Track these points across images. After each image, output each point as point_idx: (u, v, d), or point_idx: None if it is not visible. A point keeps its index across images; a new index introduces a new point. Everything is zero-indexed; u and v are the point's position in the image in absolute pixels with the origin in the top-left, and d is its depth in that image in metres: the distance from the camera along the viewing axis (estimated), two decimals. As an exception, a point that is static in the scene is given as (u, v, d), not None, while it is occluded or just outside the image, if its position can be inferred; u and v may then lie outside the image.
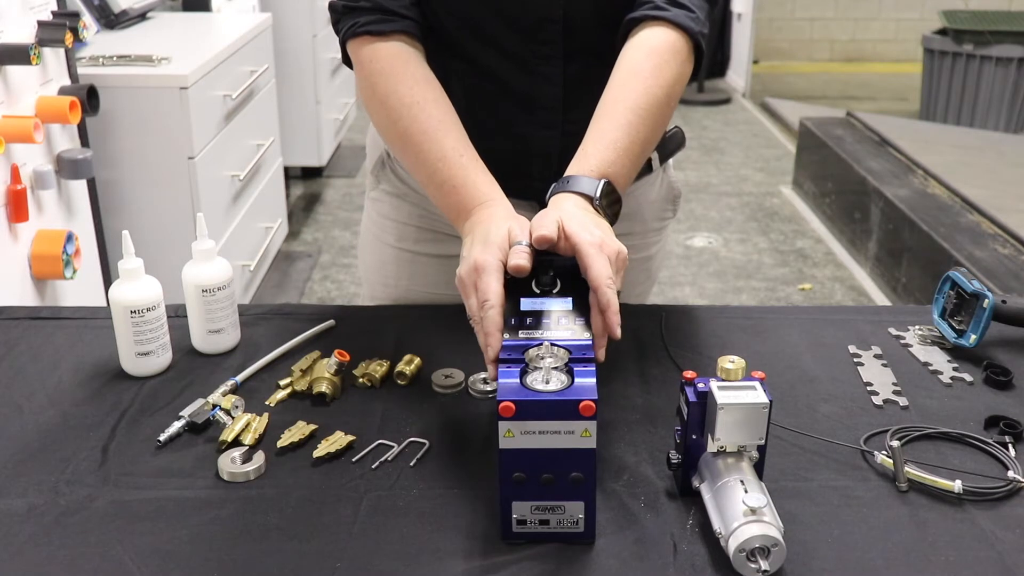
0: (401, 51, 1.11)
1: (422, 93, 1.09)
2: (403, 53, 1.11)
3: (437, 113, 1.08)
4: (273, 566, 0.80)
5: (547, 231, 0.91)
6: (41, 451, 0.96)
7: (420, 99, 1.09)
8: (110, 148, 2.31)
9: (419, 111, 1.08)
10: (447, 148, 1.06)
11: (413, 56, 1.12)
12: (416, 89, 1.09)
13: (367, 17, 1.12)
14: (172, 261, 1.30)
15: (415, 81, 1.10)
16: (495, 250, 0.92)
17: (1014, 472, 0.91)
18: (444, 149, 1.06)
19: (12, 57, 1.85)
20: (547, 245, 0.92)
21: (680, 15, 1.10)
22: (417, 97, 1.09)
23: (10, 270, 1.89)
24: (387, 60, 1.11)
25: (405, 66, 1.11)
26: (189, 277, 1.12)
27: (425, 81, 1.11)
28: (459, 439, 0.98)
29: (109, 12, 2.66)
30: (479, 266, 0.91)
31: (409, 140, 1.09)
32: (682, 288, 3.57)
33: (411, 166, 1.11)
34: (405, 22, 1.12)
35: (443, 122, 1.08)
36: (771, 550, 0.77)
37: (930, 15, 6.55)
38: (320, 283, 3.53)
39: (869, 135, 4.23)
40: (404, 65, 1.11)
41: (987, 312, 1.12)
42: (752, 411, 0.82)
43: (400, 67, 1.11)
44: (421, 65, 1.12)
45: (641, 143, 1.05)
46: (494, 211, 1.01)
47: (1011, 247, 2.95)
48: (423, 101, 1.09)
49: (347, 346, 1.08)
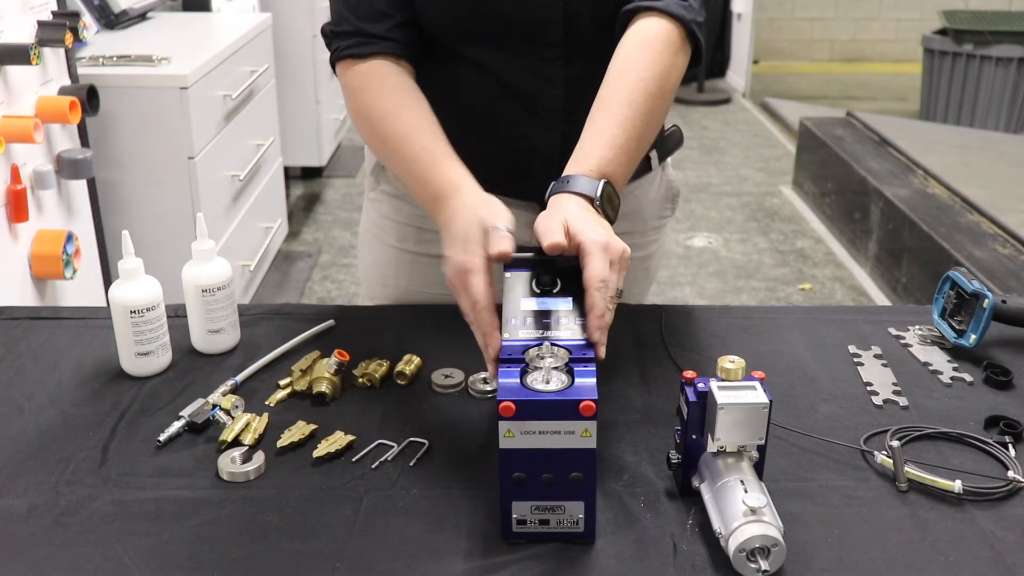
0: (377, 68, 1.15)
1: (395, 101, 1.12)
2: (379, 70, 1.15)
3: (408, 118, 1.11)
4: (273, 566, 0.80)
5: (558, 238, 0.91)
6: (41, 451, 0.96)
7: (393, 108, 1.12)
8: (110, 148, 2.31)
9: (392, 119, 1.12)
10: (418, 148, 1.08)
11: (390, 71, 1.15)
12: (390, 99, 1.13)
13: (348, 41, 1.16)
14: (172, 261, 1.29)
15: (390, 92, 1.13)
16: (475, 248, 0.92)
17: (1014, 472, 0.91)
18: (416, 149, 1.08)
19: (12, 57, 1.85)
20: (559, 251, 0.92)
21: (672, 4, 1.10)
22: (390, 106, 1.12)
23: (10, 270, 1.89)
24: (364, 79, 1.15)
25: (382, 81, 1.14)
26: (189, 277, 1.12)
27: (400, 90, 1.13)
28: (459, 439, 0.98)
29: (109, 12, 2.66)
30: (463, 268, 0.92)
31: (387, 146, 1.13)
32: (682, 288, 3.57)
33: (394, 172, 1.14)
34: (385, 44, 1.15)
35: (416, 126, 1.10)
36: (771, 550, 0.77)
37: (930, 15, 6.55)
38: (320, 283, 3.53)
39: (869, 135, 4.23)
40: (380, 80, 1.14)
41: (987, 312, 1.12)
42: (752, 411, 0.82)
43: (376, 83, 1.14)
44: (398, 77, 1.14)
45: (638, 137, 1.05)
46: (463, 200, 1.00)
47: (1011, 247, 2.95)
48: (396, 109, 1.12)
49: (347, 346, 1.08)
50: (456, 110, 1.22)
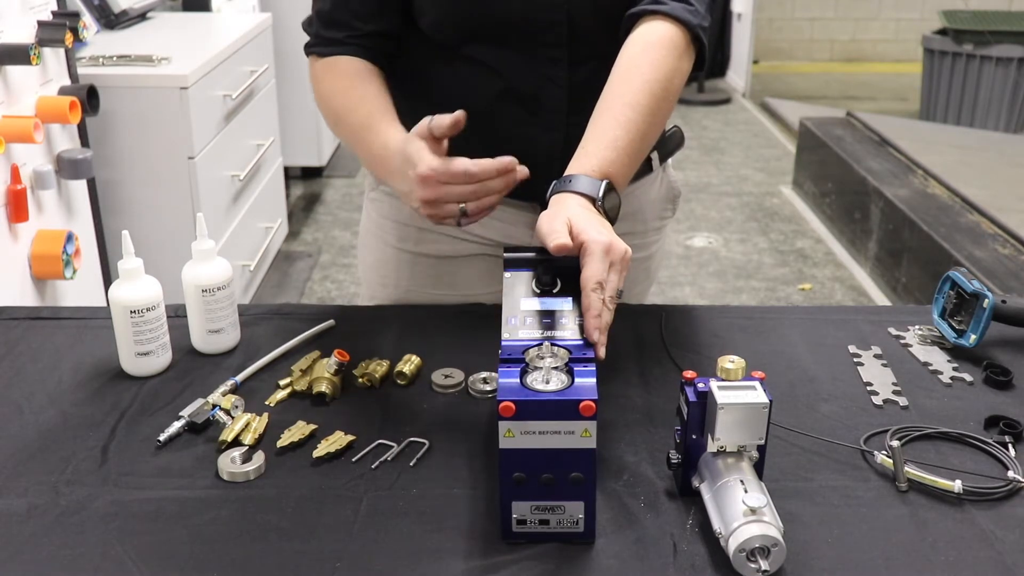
0: (338, 61, 1.20)
1: (345, 83, 1.18)
2: (340, 62, 1.19)
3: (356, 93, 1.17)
4: (273, 566, 0.80)
5: (563, 239, 0.91)
6: (41, 451, 0.96)
7: (342, 87, 1.18)
8: (110, 148, 2.31)
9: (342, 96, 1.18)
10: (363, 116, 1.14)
11: (350, 62, 1.19)
12: (342, 80, 1.18)
13: (313, 39, 1.23)
14: (172, 261, 1.30)
15: (343, 75, 1.18)
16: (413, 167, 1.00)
17: (1014, 472, 0.91)
18: (361, 117, 1.14)
19: (12, 57, 1.85)
20: (565, 253, 0.92)
21: (678, 8, 1.10)
22: (340, 86, 1.18)
23: (10, 270, 1.89)
24: (325, 68, 1.21)
25: (339, 67, 1.19)
26: (189, 277, 1.12)
27: (352, 74, 1.18)
28: (459, 439, 0.98)
29: (109, 12, 2.66)
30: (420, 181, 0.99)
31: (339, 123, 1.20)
32: (682, 288, 3.57)
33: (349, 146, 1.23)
34: (345, 48, 1.19)
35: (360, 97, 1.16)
36: (771, 550, 0.77)
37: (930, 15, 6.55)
38: (320, 283, 3.53)
39: (869, 135, 4.23)
40: (338, 67, 1.19)
41: (987, 312, 1.12)
42: (752, 411, 0.82)
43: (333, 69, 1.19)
44: (356, 65, 1.19)
45: (640, 139, 1.06)
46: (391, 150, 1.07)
47: (1011, 247, 2.95)
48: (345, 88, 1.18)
49: (347, 346, 1.08)
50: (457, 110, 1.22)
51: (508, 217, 1.28)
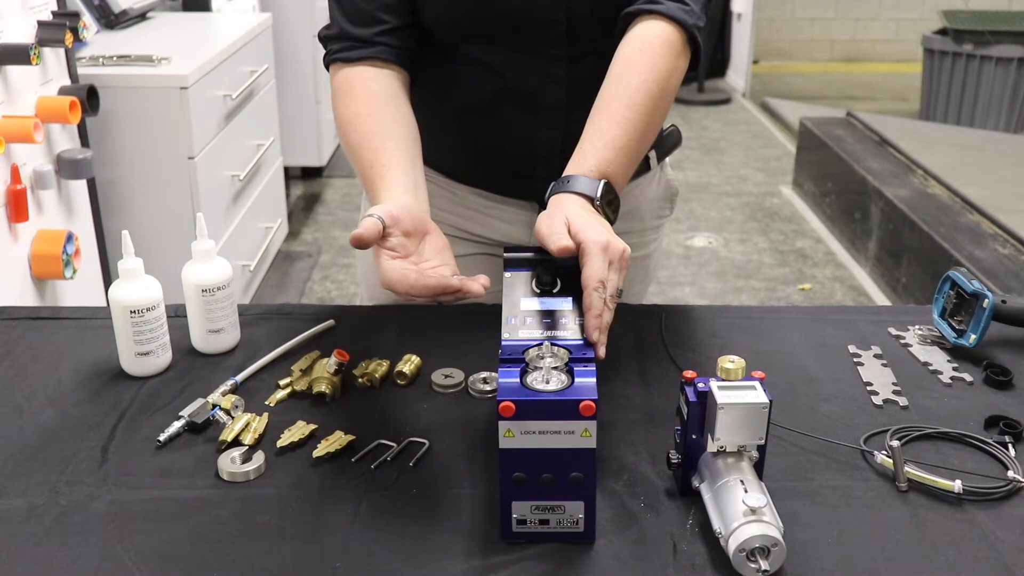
0: (358, 75, 1.15)
1: (359, 109, 1.12)
2: (360, 76, 1.15)
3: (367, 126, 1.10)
4: (273, 566, 0.80)
5: (565, 241, 0.91)
6: (41, 451, 0.96)
7: (354, 116, 1.12)
8: (110, 148, 2.31)
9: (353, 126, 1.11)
10: (370, 156, 1.08)
11: (370, 77, 1.15)
12: (359, 105, 1.13)
13: (338, 44, 1.17)
14: (172, 261, 1.30)
15: (362, 99, 1.13)
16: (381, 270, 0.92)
17: (1014, 472, 0.91)
18: (369, 155, 1.08)
19: (12, 57, 1.85)
20: (567, 254, 0.92)
21: (673, 8, 1.10)
22: (353, 113, 1.12)
23: (10, 270, 1.89)
24: (344, 83, 1.16)
25: (358, 87, 1.14)
26: (189, 277, 1.12)
27: (370, 98, 1.13)
28: (459, 439, 0.98)
29: (109, 12, 2.66)
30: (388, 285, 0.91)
31: (350, 151, 1.13)
32: (682, 288, 3.57)
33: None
34: (373, 48, 1.15)
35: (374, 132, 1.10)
36: (771, 550, 0.77)
37: (930, 15, 6.55)
38: (320, 283, 3.53)
39: (869, 135, 4.23)
40: (357, 86, 1.14)
41: (987, 312, 1.12)
42: (752, 411, 0.82)
43: (352, 89, 1.14)
44: (376, 84, 1.14)
45: (638, 139, 1.06)
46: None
47: (1011, 247, 2.95)
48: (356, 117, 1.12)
49: (347, 346, 1.08)
50: (457, 109, 1.23)
51: (508, 217, 1.29)
